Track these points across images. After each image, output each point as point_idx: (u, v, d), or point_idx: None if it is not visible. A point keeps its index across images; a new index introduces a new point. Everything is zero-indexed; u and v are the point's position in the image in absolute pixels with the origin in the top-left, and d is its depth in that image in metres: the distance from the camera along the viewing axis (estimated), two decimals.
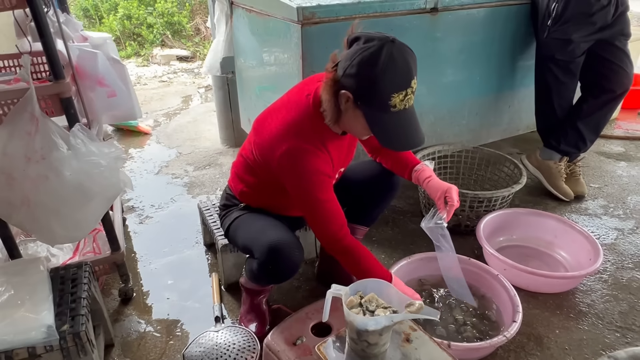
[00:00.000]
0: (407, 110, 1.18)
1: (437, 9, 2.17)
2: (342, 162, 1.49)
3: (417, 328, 1.24)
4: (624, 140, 3.13)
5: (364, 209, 1.69)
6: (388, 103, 1.14)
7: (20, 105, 1.29)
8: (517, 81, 2.73)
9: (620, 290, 1.81)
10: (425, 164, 1.51)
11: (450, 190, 1.42)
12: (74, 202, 1.35)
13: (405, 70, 1.13)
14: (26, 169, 1.28)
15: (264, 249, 1.35)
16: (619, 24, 2.18)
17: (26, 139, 1.27)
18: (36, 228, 1.37)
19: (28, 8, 1.27)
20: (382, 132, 1.20)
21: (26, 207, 1.31)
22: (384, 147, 1.57)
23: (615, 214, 2.31)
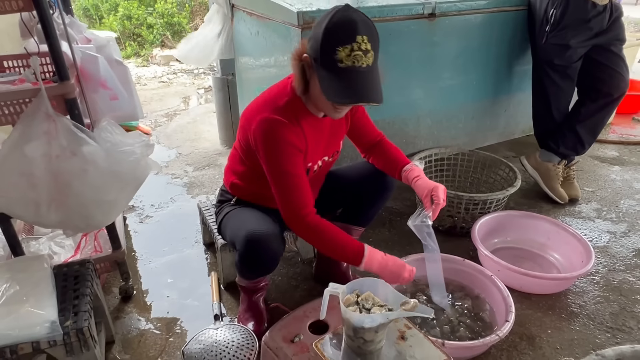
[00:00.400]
0: (358, 68, 1.19)
1: (434, 14, 2.21)
2: (322, 148, 1.50)
3: (412, 326, 1.27)
4: (619, 145, 3.17)
5: (359, 209, 1.72)
6: (334, 57, 1.18)
7: (34, 105, 1.32)
8: (513, 86, 2.77)
9: (612, 292, 1.85)
10: (414, 164, 1.54)
11: (437, 189, 1.44)
12: (112, 189, 1.45)
13: (350, 26, 1.18)
14: (52, 167, 1.33)
15: (243, 240, 1.39)
16: (614, 29, 2.23)
17: (45, 138, 1.32)
18: (69, 221, 1.42)
19: (34, 10, 1.30)
20: (328, 87, 1.22)
21: (56, 203, 1.36)
22: (376, 147, 1.61)
23: (608, 217, 2.35)
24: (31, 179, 1.35)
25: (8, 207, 1.40)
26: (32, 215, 1.43)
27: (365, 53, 1.19)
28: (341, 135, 1.58)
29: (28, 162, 1.33)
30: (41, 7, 1.28)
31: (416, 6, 2.15)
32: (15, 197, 1.37)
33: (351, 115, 1.56)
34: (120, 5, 6.05)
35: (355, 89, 1.21)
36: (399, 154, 1.59)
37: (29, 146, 1.33)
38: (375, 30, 1.23)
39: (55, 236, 1.88)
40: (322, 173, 1.63)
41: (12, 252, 1.55)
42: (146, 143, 1.52)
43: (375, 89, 1.24)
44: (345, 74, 1.20)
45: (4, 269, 1.33)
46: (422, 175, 1.51)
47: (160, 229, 2.27)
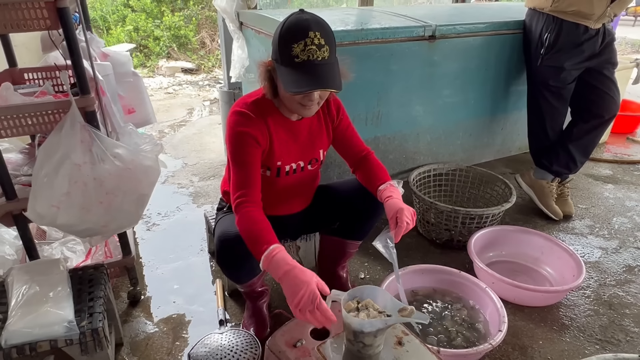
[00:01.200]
0: (313, 62, 1.27)
1: (435, 36, 2.31)
2: (296, 151, 1.54)
3: (409, 332, 1.34)
4: (612, 164, 3.26)
5: (353, 224, 1.74)
6: (291, 54, 1.27)
7: (70, 118, 1.42)
8: (510, 105, 2.87)
9: (602, 306, 1.92)
10: (392, 184, 1.53)
11: (402, 211, 1.40)
12: (147, 183, 1.59)
13: (303, 25, 1.27)
14: (95, 172, 1.44)
15: (216, 241, 1.47)
16: (606, 53, 2.33)
17: (82, 146, 1.42)
18: (113, 221, 1.55)
19: (61, 29, 1.40)
20: (288, 80, 1.29)
21: (103, 205, 1.48)
22: (361, 162, 1.64)
23: (601, 233, 2.43)
24: (81, 186, 1.44)
25: (62, 217, 1.45)
26: (82, 222, 1.50)
27: (319, 47, 1.27)
28: (321, 145, 1.60)
29: (77, 170, 1.42)
30: (67, 26, 1.37)
31: (417, 29, 2.25)
32: (68, 205, 1.44)
33: (333, 127, 1.60)
34: (128, 17, 6.19)
35: (311, 79, 1.29)
36: (380, 172, 1.58)
37: (75, 155, 1.42)
38: (328, 28, 1.32)
39: (67, 241, 1.95)
40: (304, 179, 1.64)
41: (28, 255, 1.62)
42: (155, 142, 1.65)
43: (331, 78, 1.30)
44: (302, 67, 1.28)
45: (23, 271, 1.40)
46: (395, 195, 1.48)
47: (167, 236, 2.34)
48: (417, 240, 2.34)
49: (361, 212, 1.68)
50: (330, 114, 1.57)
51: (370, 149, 1.67)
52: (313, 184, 1.72)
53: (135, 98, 2.10)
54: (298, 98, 1.34)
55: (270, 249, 1.25)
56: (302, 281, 1.18)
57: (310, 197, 1.74)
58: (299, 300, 1.16)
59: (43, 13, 1.34)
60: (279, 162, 1.52)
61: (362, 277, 2.06)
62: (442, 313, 1.78)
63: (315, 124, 1.57)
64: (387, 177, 1.56)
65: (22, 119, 1.44)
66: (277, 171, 1.53)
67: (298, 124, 1.52)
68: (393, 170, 2.70)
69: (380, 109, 2.41)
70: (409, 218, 1.39)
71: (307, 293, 1.16)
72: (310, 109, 1.39)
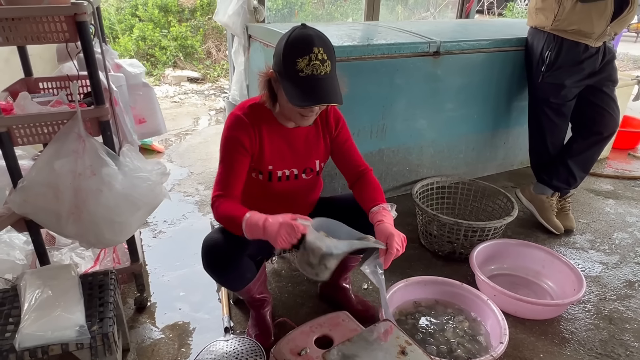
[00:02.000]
0: (317, 76, 1.33)
1: (439, 52, 2.36)
2: (290, 159, 1.57)
3: (412, 342, 1.37)
4: (613, 179, 3.29)
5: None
6: (295, 68, 1.32)
7: (68, 126, 1.45)
8: (512, 120, 2.92)
9: (602, 320, 1.94)
10: (384, 207, 1.51)
11: (392, 237, 1.39)
12: (124, 212, 1.54)
13: (307, 40, 1.32)
14: (75, 183, 1.44)
15: (202, 247, 1.50)
16: (607, 71, 2.37)
17: (73, 156, 1.44)
18: (83, 235, 1.53)
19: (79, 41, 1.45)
20: (292, 94, 1.34)
21: (74, 216, 1.47)
22: (358, 180, 1.65)
23: (601, 248, 2.46)
24: (56, 192, 1.47)
25: (35, 214, 1.51)
26: (53, 225, 1.54)
27: (323, 62, 1.33)
28: (317, 155, 1.62)
29: (55, 176, 1.45)
30: (85, 39, 1.43)
31: (422, 45, 2.31)
32: (41, 205, 1.48)
33: (331, 138, 1.63)
34: (135, 26, 6.28)
35: (316, 93, 1.34)
36: (375, 192, 1.56)
37: (58, 162, 1.45)
38: (329, 44, 1.38)
39: (75, 247, 1.98)
40: (300, 188, 1.65)
41: (39, 260, 1.66)
42: (162, 171, 1.64)
43: (334, 92, 1.36)
44: (306, 81, 1.33)
45: (36, 275, 1.44)
46: (386, 220, 1.46)
47: (173, 244, 2.37)
48: (419, 252, 2.36)
49: (362, 228, 1.62)
50: (329, 126, 1.61)
51: (369, 166, 1.67)
52: (311, 194, 1.73)
53: (146, 108, 2.15)
54: (299, 109, 1.40)
55: (247, 217, 1.34)
56: (278, 222, 1.29)
57: (309, 207, 1.76)
58: (281, 240, 1.27)
59: (62, 26, 1.39)
60: (270, 166, 1.56)
61: (365, 288, 2.09)
62: (444, 325, 1.80)
63: (313, 134, 1.60)
64: (382, 199, 1.54)
65: (38, 128, 1.48)
66: (268, 175, 1.57)
67: (294, 131, 1.56)
68: (397, 182, 2.74)
69: (385, 122, 2.46)
70: (399, 244, 1.39)
71: (283, 229, 1.27)
72: (309, 119, 1.46)
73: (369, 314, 1.87)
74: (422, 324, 1.80)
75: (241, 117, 1.48)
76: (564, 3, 2.22)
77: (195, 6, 6.41)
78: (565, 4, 2.22)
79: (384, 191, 2.57)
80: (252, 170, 1.57)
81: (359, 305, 1.89)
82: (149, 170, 1.62)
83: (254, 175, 1.58)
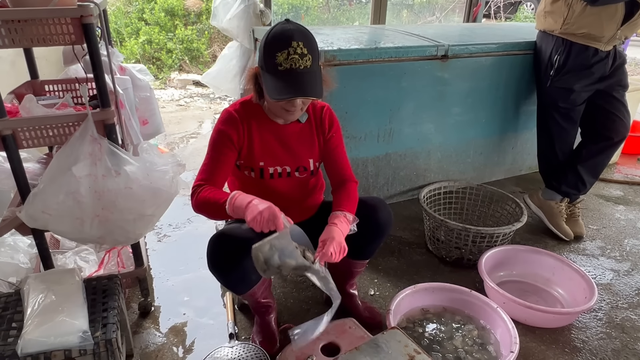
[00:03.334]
0: (296, 69, 1.33)
1: (447, 56, 2.34)
2: (281, 155, 1.56)
3: (421, 351, 1.34)
4: (623, 185, 3.25)
5: (359, 244, 1.65)
6: (275, 62, 1.33)
7: (82, 130, 1.44)
8: (521, 124, 2.88)
9: (614, 329, 1.90)
10: (347, 216, 1.49)
11: (332, 240, 1.38)
12: (152, 204, 1.58)
13: (286, 34, 1.33)
14: (97, 185, 1.46)
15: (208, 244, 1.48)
16: (617, 75, 2.34)
17: (90, 159, 1.44)
18: (109, 235, 1.54)
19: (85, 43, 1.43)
20: (271, 87, 1.36)
21: (99, 218, 1.48)
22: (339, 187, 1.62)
23: (612, 255, 2.42)
24: (77, 197, 1.46)
25: (55, 224, 1.49)
26: (75, 232, 1.53)
27: (302, 56, 1.33)
28: (311, 154, 1.60)
29: (75, 181, 1.44)
30: (92, 41, 1.41)
31: (430, 48, 2.28)
32: (61, 214, 1.47)
33: (325, 139, 1.61)
34: (142, 30, 6.30)
35: (293, 87, 1.34)
36: (349, 202, 1.54)
37: (77, 167, 1.44)
38: (311, 38, 1.37)
39: (80, 251, 1.97)
40: (295, 186, 1.63)
41: (43, 264, 1.64)
42: (178, 163, 1.66)
43: (313, 86, 1.36)
44: (284, 74, 1.34)
45: (39, 280, 1.42)
46: (340, 226, 1.44)
47: (178, 248, 2.35)
48: (426, 257, 2.33)
49: (366, 234, 1.62)
50: (322, 126, 1.60)
51: (355, 179, 1.65)
52: (311, 196, 1.70)
53: (147, 110, 2.15)
54: (282, 104, 1.41)
55: (231, 195, 1.33)
56: (267, 204, 1.28)
57: (309, 208, 1.72)
58: (259, 219, 1.25)
59: (69, 29, 1.38)
60: (261, 162, 1.56)
61: (372, 294, 2.06)
62: (452, 333, 1.77)
63: (306, 132, 1.59)
64: (352, 210, 1.53)
65: (44, 130, 1.47)
66: (260, 172, 1.56)
67: (284, 128, 1.56)
68: (404, 187, 2.71)
69: (392, 126, 2.43)
70: (336, 251, 1.37)
71: (267, 212, 1.26)
72: (293, 114, 1.47)
73: (375, 320, 1.84)
74: (430, 332, 1.77)
75: (231, 113, 1.52)
76: (574, 6, 2.20)
77: (201, 10, 6.43)
78: (575, 7, 2.19)
79: (391, 195, 2.56)
80: (244, 168, 1.57)
81: (366, 312, 1.86)
82: (167, 163, 1.65)
83: (246, 173, 1.58)
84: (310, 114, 1.59)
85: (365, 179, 2.53)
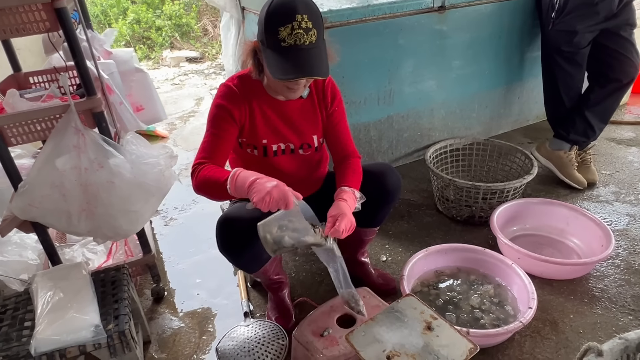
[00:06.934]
0: (300, 46, 1.24)
1: (444, 7, 2.22)
2: (283, 132, 1.50)
3: (437, 317, 1.32)
4: (635, 126, 3.15)
5: (368, 212, 1.60)
6: (277, 37, 1.24)
7: (64, 121, 1.39)
8: (526, 72, 2.78)
9: (633, 275, 1.87)
10: (354, 192, 1.44)
11: (343, 217, 1.35)
12: (138, 200, 1.51)
13: (289, 7, 1.23)
14: (81, 179, 1.40)
15: (216, 226, 1.44)
16: (625, 13, 2.22)
17: (75, 152, 1.39)
18: (98, 230, 1.50)
19: (61, 30, 1.36)
20: (274, 65, 1.27)
21: (86, 213, 1.44)
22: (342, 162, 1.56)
23: (627, 199, 2.36)
24: (62, 191, 1.42)
25: (42, 217, 1.48)
26: (64, 225, 1.51)
27: (307, 31, 1.24)
28: (314, 130, 1.55)
29: (59, 174, 1.40)
30: (67, 26, 1.34)
31: (425, 0, 2.17)
32: (48, 207, 1.44)
33: (327, 114, 1.55)
34: (129, 9, 6.12)
35: (298, 65, 1.26)
36: (354, 177, 1.50)
37: (60, 160, 1.40)
38: (316, 9, 1.27)
39: (87, 243, 1.96)
40: (300, 163, 1.58)
41: (50, 260, 1.63)
42: (170, 154, 1.59)
43: (319, 64, 1.28)
44: (288, 52, 1.25)
45: (47, 277, 1.41)
46: (349, 202, 1.40)
47: (185, 230, 2.34)
48: (437, 218, 2.29)
49: (374, 201, 1.58)
50: (325, 100, 1.53)
51: (358, 153, 1.60)
52: (316, 171, 1.66)
53: (142, 95, 2.07)
54: (285, 82, 1.33)
55: (233, 172, 1.27)
56: (275, 182, 1.22)
57: (315, 183, 1.68)
58: (269, 195, 1.19)
59: (41, 15, 1.31)
60: (265, 140, 1.50)
61: (384, 260, 2.04)
62: (468, 293, 1.75)
63: (308, 106, 1.52)
64: (357, 185, 1.49)
65: (31, 125, 1.42)
66: (263, 150, 1.51)
67: (286, 104, 1.49)
68: (408, 148, 2.65)
69: (392, 87, 2.35)
70: (346, 228, 1.35)
71: (276, 191, 1.20)
72: (296, 92, 1.40)
73: (390, 287, 1.83)
74: (445, 294, 1.75)
75: (232, 88, 1.43)
76: None
77: None
78: None
79: (396, 159, 2.51)
80: (247, 146, 1.52)
81: (379, 279, 1.84)
82: (157, 155, 1.58)
83: (249, 151, 1.52)
84: (312, 88, 1.52)
85: (369, 144, 2.47)
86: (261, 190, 1.21)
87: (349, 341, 1.26)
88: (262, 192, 1.20)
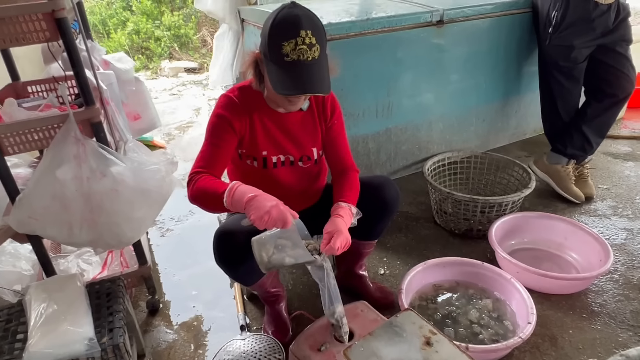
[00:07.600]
0: (303, 62, 1.24)
1: (442, 21, 2.24)
2: (283, 143, 1.50)
3: (437, 332, 1.30)
4: (631, 140, 3.17)
5: (366, 225, 1.58)
6: (281, 52, 1.23)
7: (63, 131, 1.38)
8: (523, 86, 2.80)
9: (632, 290, 1.86)
10: (351, 208, 1.44)
11: (339, 234, 1.33)
12: (142, 207, 1.51)
13: (293, 21, 1.23)
14: (83, 189, 1.39)
15: (213, 238, 1.44)
16: (620, 29, 2.24)
17: (75, 162, 1.38)
18: (99, 239, 1.49)
19: (60, 39, 1.36)
20: (276, 80, 1.27)
21: (87, 222, 1.43)
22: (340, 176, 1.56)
23: (624, 214, 2.36)
24: (63, 201, 1.41)
25: (43, 229, 1.46)
26: (65, 236, 1.49)
27: (310, 47, 1.24)
28: (314, 143, 1.55)
29: (60, 185, 1.39)
30: (67, 37, 1.34)
31: (424, 14, 2.19)
32: (48, 219, 1.43)
33: (326, 126, 1.55)
34: (129, 20, 6.15)
35: (300, 81, 1.26)
36: (351, 192, 1.49)
37: (60, 170, 1.39)
38: (319, 25, 1.27)
39: (82, 254, 1.94)
40: (299, 176, 1.57)
41: (44, 271, 1.60)
42: (170, 161, 1.59)
43: (321, 80, 1.28)
44: (291, 67, 1.25)
45: (40, 289, 1.38)
46: (345, 218, 1.39)
47: (182, 242, 2.32)
48: (435, 231, 2.29)
49: (372, 215, 1.57)
50: (325, 113, 1.53)
51: (356, 167, 1.60)
52: (313, 182, 1.65)
53: (139, 104, 2.07)
54: (281, 95, 1.33)
55: (231, 185, 1.26)
56: (274, 201, 1.23)
57: (314, 195, 1.68)
58: (267, 215, 1.19)
59: (41, 25, 1.31)
60: (265, 151, 1.49)
61: (382, 273, 2.03)
62: (467, 307, 1.73)
63: (308, 119, 1.52)
64: (354, 201, 1.48)
65: (28, 135, 1.41)
66: (263, 162, 1.50)
67: (286, 116, 1.49)
68: (407, 161, 2.65)
69: (391, 100, 2.35)
70: (341, 245, 1.33)
71: (275, 210, 1.21)
72: (296, 105, 1.41)
73: (388, 300, 1.81)
74: (444, 308, 1.74)
75: (232, 99, 1.43)
76: None
77: None
78: None
79: (394, 171, 2.51)
80: (247, 158, 1.51)
81: (377, 293, 1.83)
82: (158, 162, 1.58)
83: (248, 162, 1.52)
84: (312, 101, 1.52)
85: (367, 156, 2.47)
86: (260, 209, 1.20)
87: (347, 356, 1.24)
88: (261, 210, 1.20)
